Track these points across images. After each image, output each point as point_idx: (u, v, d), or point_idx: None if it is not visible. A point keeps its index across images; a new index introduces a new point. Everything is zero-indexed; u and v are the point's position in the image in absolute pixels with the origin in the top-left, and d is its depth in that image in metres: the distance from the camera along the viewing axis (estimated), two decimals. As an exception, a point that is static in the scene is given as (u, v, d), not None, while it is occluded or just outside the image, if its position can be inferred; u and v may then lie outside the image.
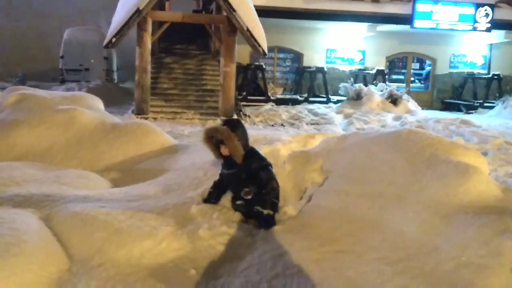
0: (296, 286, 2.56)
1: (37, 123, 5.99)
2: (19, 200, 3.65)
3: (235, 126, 3.59)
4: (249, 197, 3.50)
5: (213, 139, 3.60)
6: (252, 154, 3.66)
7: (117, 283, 2.72)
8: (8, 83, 18.54)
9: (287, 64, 18.16)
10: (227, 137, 3.48)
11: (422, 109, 15.39)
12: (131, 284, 2.71)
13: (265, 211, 3.47)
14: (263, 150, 4.58)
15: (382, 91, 15.07)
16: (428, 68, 19.08)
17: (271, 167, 3.70)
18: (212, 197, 3.73)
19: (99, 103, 7.64)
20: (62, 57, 19.35)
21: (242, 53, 15.14)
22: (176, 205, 3.59)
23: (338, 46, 17.74)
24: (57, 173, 4.64)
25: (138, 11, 11.25)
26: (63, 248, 3.05)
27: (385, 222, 2.93)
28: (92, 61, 19.26)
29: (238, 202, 3.60)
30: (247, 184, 3.54)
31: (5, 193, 3.81)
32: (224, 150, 3.57)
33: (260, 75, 15.78)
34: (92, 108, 7.00)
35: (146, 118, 11.09)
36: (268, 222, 3.44)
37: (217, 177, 3.88)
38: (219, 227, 3.35)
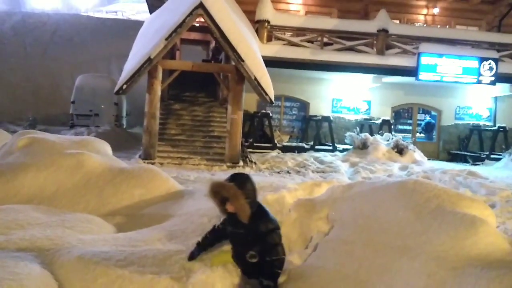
0: None
1: (44, 167, 6.03)
2: (22, 244, 3.64)
3: (242, 183, 3.31)
4: (255, 260, 3.23)
5: (218, 195, 3.34)
6: (260, 214, 3.35)
7: (117, 332, 2.66)
8: (19, 127, 18.86)
9: (294, 112, 18.35)
10: (233, 195, 3.22)
11: (428, 159, 15.36)
12: (131, 333, 2.65)
13: (265, 282, 3.18)
14: (268, 197, 4.58)
15: (388, 141, 15.11)
16: (428, 119, 19.20)
17: (279, 230, 3.38)
18: (206, 242, 3.56)
19: (107, 148, 7.72)
20: (73, 102, 19.77)
21: (249, 101, 15.39)
22: (179, 252, 3.55)
23: (343, 96, 17.97)
24: (62, 217, 4.62)
25: (149, 60, 11.56)
26: (64, 294, 3.01)
27: (392, 274, 2.87)
28: (102, 106, 19.64)
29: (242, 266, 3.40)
30: (253, 246, 3.26)
31: (9, 236, 3.79)
32: (230, 207, 3.31)
33: (266, 122, 15.93)
34: (100, 153, 7.07)
35: (153, 163, 11.14)
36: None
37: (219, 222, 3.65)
38: (222, 276, 3.29)
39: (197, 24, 15.54)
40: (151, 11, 17.27)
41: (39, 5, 35.21)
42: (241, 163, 12.18)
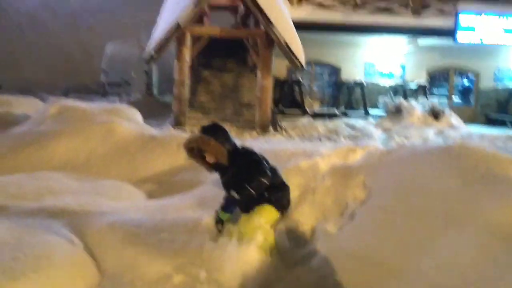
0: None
1: (76, 134, 6.05)
2: (54, 211, 3.62)
3: (209, 130, 3.32)
4: (253, 192, 3.14)
5: (194, 152, 3.30)
6: (238, 150, 3.34)
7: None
8: (53, 96, 19.13)
9: (325, 78, 17.93)
10: (202, 142, 3.21)
11: (465, 124, 14.81)
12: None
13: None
14: (302, 164, 4.42)
15: (423, 105, 14.62)
16: (466, 84, 18.44)
17: (262, 160, 3.30)
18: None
19: (137, 115, 7.71)
20: (104, 70, 19.88)
21: (279, 66, 15.03)
22: (210, 219, 3.46)
23: (377, 60, 17.39)
24: (94, 183, 4.62)
25: (177, 26, 11.36)
26: (95, 261, 2.97)
27: (438, 245, 2.67)
28: (132, 74, 19.69)
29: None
30: (247, 182, 3.16)
31: (41, 203, 3.79)
32: (209, 157, 3.27)
33: (297, 88, 15.62)
34: (130, 120, 7.06)
35: (183, 130, 11.11)
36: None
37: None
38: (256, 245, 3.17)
39: (225, -12, 15.12)
40: (178, -24, 16.89)
41: (68, -26, 35.27)
42: (271, 129, 12.02)
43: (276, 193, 3.29)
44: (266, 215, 3.23)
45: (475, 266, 2.40)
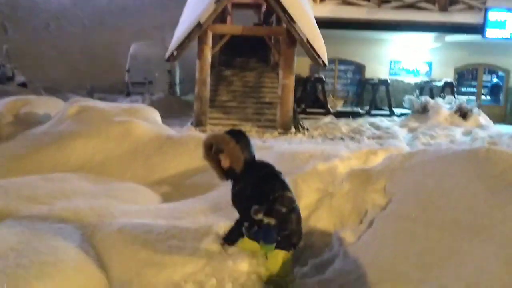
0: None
1: (93, 135, 6.02)
2: (65, 214, 3.56)
3: (233, 133, 3.09)
4: (260, 216, 2.71)
5: (212, 151, 3.04)
6: (254, 162, 3.04)
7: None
8: (78, 96, 19.37)
9: (348, 76, 17.59)
10: (222, 140, 2.99)
11: (495, 123, 14.31)
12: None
13: (266, 220, 2.70)
14: (319, 167, 4.26)
15: (450, 104, 14.19)
16: (495, 81, 17.84)
17: (280, 174, 2.98)
18: (233, 235, 3.11)
19: (156, 115, 7.65)
20: (128, 70, 20.02)
21: (301, 65, 14.81)
22: (223, 225, 3.34)
23: (402, 57, 16.98)
24: (108, 186, 4.55)
25: (199, 25, 11.30)
26: (103, 269, 2.88)
27: (461, 256, 2.49)
28: (156, 74, 19.77)
29: (246, 225, 2.88)
30: (257, 201, 2.79)
31: (53, 207, 3.73)
32: (225, 162, 2.98)
33: (319, 87, 15.37)
34: (149, 120, 7.00)
35: (204, 130, 11.04)
36: (267, 235, 2.71)
37: None
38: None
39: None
40: (201, -25, 16.85)
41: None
42: (293, 129, 11.85)
43: (284, 229, 2.82)
44: (274, 265, 2.88)
45: (502, 280, 2.21)
